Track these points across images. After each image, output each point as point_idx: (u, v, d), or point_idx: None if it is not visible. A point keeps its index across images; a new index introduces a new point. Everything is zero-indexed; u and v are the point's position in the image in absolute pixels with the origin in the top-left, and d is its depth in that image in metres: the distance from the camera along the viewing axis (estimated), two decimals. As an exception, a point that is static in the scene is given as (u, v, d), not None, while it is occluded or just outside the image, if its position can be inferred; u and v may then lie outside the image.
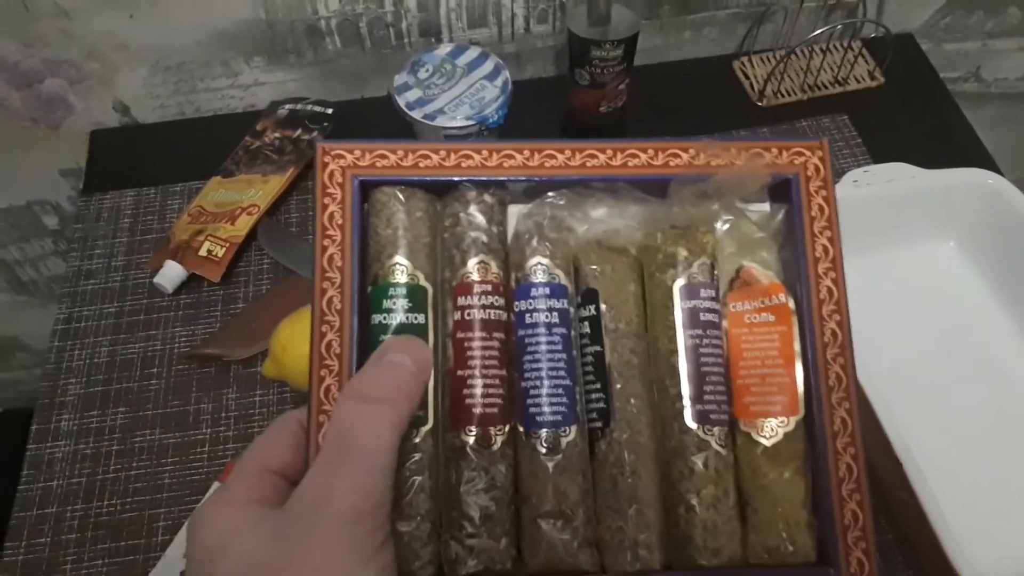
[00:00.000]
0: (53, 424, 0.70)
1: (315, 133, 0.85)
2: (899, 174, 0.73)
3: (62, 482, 0.67)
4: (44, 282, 1.12)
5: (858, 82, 0.93)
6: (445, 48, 0.82)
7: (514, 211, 0.42)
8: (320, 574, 0.30)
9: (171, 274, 0.76)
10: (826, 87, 0.93)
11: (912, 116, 0.91)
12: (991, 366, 0.70)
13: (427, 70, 0.81)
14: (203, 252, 0.76)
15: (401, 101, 0.77)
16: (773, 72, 0.90)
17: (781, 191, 0.41)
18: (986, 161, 0.86)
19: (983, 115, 1.13)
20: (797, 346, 0.40)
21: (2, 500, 0.71)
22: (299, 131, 0.86)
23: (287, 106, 0.88)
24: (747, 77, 0.94)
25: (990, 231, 0.73)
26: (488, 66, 0.81)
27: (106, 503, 0.66)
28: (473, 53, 0.82)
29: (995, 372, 0.70)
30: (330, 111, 0.87)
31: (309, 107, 0.88)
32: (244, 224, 0.78)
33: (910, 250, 0.76)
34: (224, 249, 0.76)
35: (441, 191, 0.41)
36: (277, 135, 0.86)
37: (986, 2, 0.98)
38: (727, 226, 0.42)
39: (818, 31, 0.85)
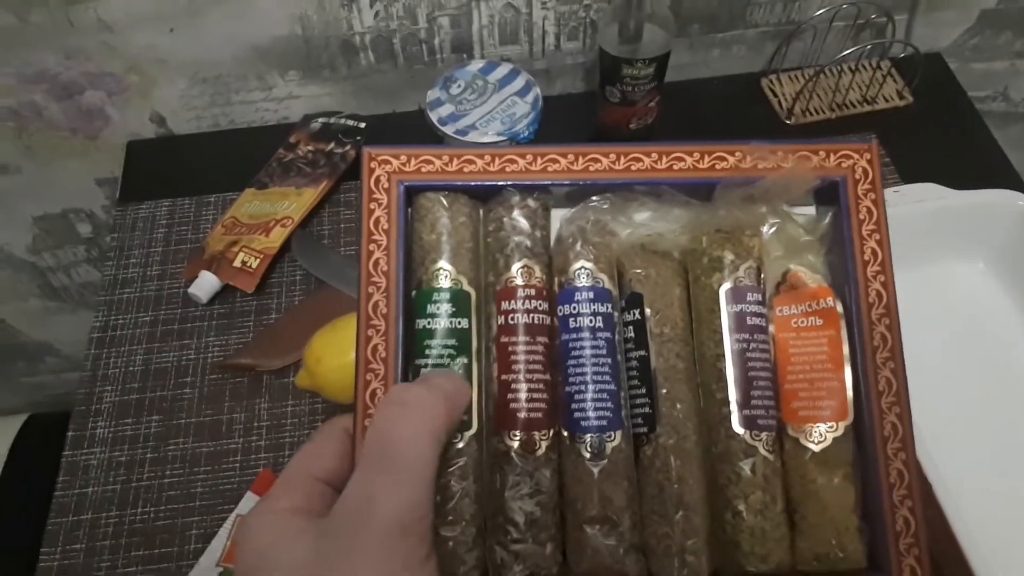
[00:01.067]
0: (89, 431, 0.72)
1: (348, 147, 0.86)
2: (928, 195, 0.73)
3: (97, 489, 0.68)
4: (76, 288, 1.14)
5: (886, 101, 0.93)
6: (477, 64, 0.83)
7: (557, 216, 0.42)
8: None
9: (206, 284, 0.77)
10: (854, 106, 0.93)
11: (940, 136, 0.91)
12: (1019, 387, 0.70)
13: (459, 86, 0.82)
14: (237, 263, 0.77)
15: (433, 116, 0.78)
16: (802, 91, 0.90)
17: (828, 194, 0.41)
18: (1014, 181, 0.86)
19: (1010, 135, 1.13)
20: (846, 350, 0.39)
21: (35, 504, 0.72)
22: (332, 144, 0.87)
23: (320, 119, 0.90)
24: (775, 95, 0.94)
25: (1020, 252, 0.73)
26: (519, 82, 0.82)
27: (140, 510, 0.67)
28: (504, 69, 0.83)
29: (1022, 393, 0.70)
30: (363, 125, 0.88)
31: (342, 121, 0.89)
32: (278, 236, 0.79)
33: (938, 270, 0.76)
34: (258, 260, 0.77)
35: (485, 196, 0.41)
36: (311, 148, 0.87)
37: (1014, 22, 0.98)
38: (773, 229, 0.41)
39: (847, 51, 0.86)
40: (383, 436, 0.33)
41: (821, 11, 0.90)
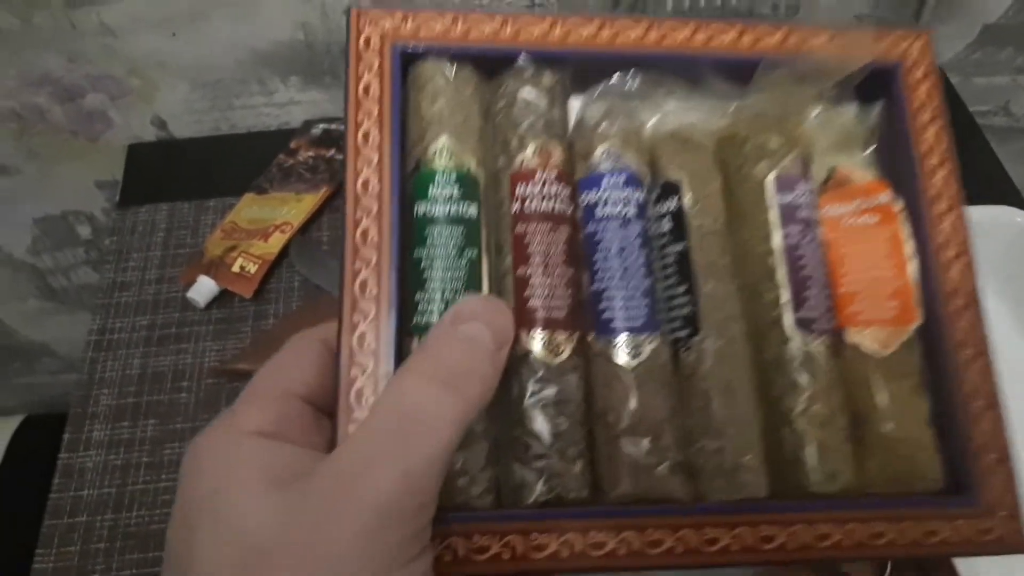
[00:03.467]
0: (85, 434, 0.71)
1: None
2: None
3: (92, 492, 0.68)
4: (74, 290, 1.14)
5: (887, 115, 0.93)
6: None
7: (575, 104, 0.37)
8: None
9: (204, 289, 0.77)
10: (855, 119, 0.93)
11: (940, 150, 0.91)
12: (1016, 405, 0.70)
13: None
14: (236, 268, 0.77)
15: None
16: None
17: (872, 89, 0.37)
18: (1014, 197, 0.86)
19: (1011, 150, 1.13)
20: (908, 249, 0.35)
21: (30, 505, 0.72)
22: (332, 151, 0.87)
23: (321, 125, 0.90)
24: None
25: (1018, 268, 0.73)
26: None
27: (135, 514, 0.67)
28: None
29: (1020, 412, 0.70)
30: (363, 132, 0.88)
31: (343, 127, 0.89)
32: (277, 242, 0.79)
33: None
34: (257, 266, 0.78)
35: (495, 67, 0.36)
36: (311, 154, 0.87)
37: (1016, 37, 0.99)
38: (819, 119, 0.37)
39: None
40: (405, 414, 0.27)
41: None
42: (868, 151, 0.37)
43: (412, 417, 0.26)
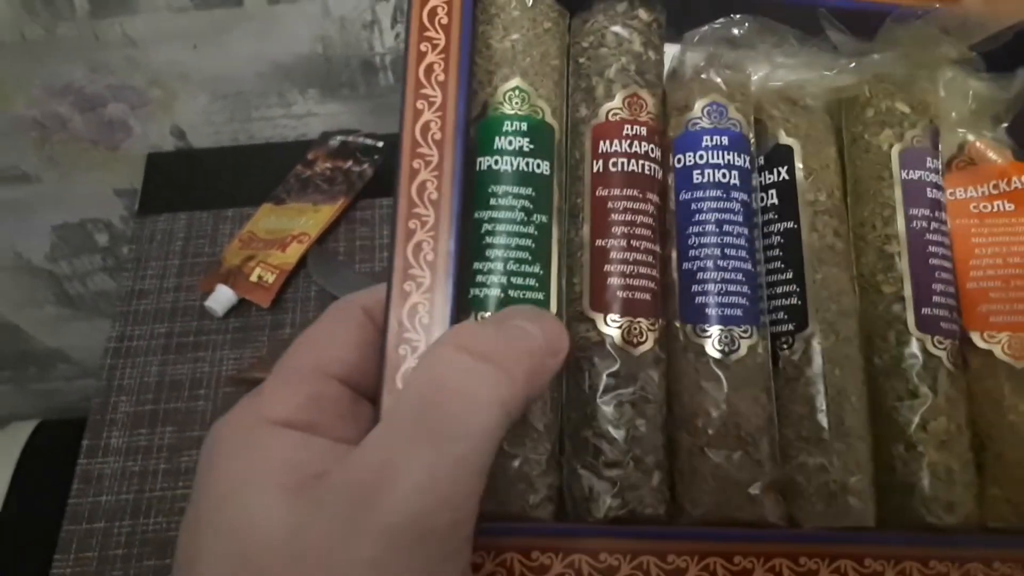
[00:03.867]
0: (103, 440, 0.72)
1: (366, 165, 0.87)
2: None
3: (110, 498, 0.69)
4: (90, 297, 1.15)
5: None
6: None
7: (670, 51, 0.32)
8: None
9: (222, 298, 0.78)
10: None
11: None
12: None
13: None
14: (254, 278, 0.78)
15: None
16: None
17: (1014, 53, 0.32)
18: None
19: None
20: None
21: (46, 509, 0.73)
22: (350, 163, 0.88)
23: (339, 137, 0.91)
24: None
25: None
26: None
27: (152, 520, 0.68)
28: None
29: None
30: (380, 144, 0.89)
31: (360, 139, 0.90)
32: (295, 252, 0.80)
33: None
34: (274, 276, 0.78)
35: (579, 1, 0.32)
36: (328, 165, 0.88)
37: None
38: (952, 85, 0.32)
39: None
40: (437, 388, 0.23)
41: None
42: (1003, 126, 0.33)
43: (441, 399, 0.22)
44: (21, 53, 0.81)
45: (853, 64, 0.31)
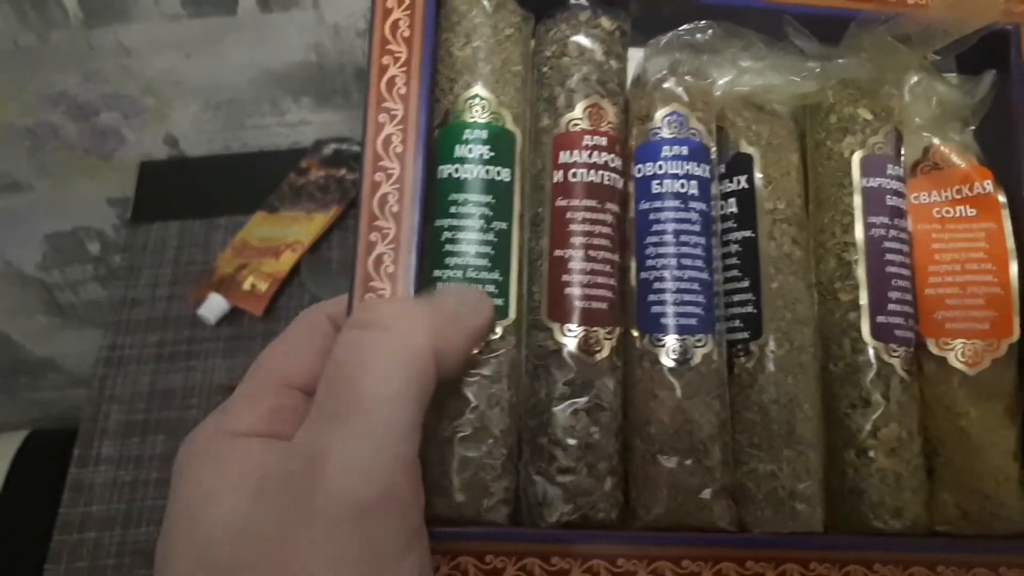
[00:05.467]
0: (94, 450, 0.72)
1: (359, 173, 0.87)
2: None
3: (101, 507, 0.69)
4: (81, 306, 1.15)
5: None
6: None
7: (635, 56, 0.32)
8: None
9: (214, 306, 0.78)
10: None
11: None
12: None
13: None
14: (247, 286, 0.78)
15: None
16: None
17: (979, 57, 0.32)
18: None
19: None
20: (1011, 244, 0.31)
21: (37, 519, 0.72)
22: (343, 171, 0.88)
23: (332, 145, 0.91)
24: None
25: None
26: None
27: (144, 530, 0.67)
28: None
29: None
30: (373, 152, 0.89)
31: (354, 148, 0.90)
32: (287, 260, 0.80)
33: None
34: (267, 284, 0.78)
35: (543, 6, 0.31)
36: (322, 173, 0.88)
37: None
38: (918, 89, 0.32)
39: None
40: (337, 367, 0.24)
41: None
42: (971, 129, 0.33)
43: (341, 376, 0.23)
44: (14, 61, 0.81)
45: (819, 68, 0.31)
